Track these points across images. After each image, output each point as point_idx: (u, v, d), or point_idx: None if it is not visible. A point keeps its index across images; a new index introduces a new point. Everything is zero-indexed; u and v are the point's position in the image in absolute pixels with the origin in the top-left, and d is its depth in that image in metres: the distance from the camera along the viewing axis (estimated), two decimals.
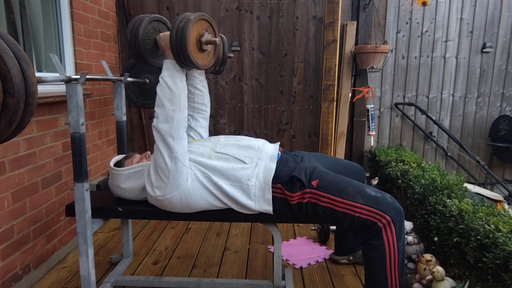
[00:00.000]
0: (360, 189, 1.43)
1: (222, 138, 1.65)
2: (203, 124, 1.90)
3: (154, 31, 1.59)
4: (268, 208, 1.49)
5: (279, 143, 1.72)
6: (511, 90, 3.51)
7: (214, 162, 1.51)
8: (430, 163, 2.58)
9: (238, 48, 3.34)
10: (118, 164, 1.66)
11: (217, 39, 1.42)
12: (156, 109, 1.44)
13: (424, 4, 2.93)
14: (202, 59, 1.46)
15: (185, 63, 1.40)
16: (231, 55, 1.95)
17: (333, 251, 2.16)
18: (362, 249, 1.46)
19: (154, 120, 1.45)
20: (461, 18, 3.41)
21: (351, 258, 2.08)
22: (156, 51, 1.62)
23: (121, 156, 1.74)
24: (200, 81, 1.89)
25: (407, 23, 3.41)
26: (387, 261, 1.37)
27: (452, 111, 3.55)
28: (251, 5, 3.29)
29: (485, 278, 1.52)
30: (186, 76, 1.91)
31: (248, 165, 1.50)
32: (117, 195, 1.66)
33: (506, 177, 3.62)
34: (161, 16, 1.62)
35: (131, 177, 1.59)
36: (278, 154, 1.63)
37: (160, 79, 1.44)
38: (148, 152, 1.70)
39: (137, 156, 1.69)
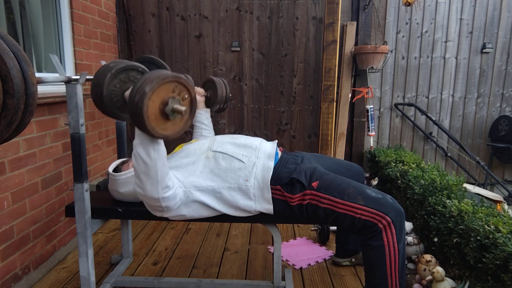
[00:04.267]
0: (360, 190, 1.43)
1: (219, 137, 1.65)
2: (207, 135, 2.03)
3: (122, 83, 1.37)
4: (268, 206, 1.49)
5: (276, 141, 1.72)
6: (511, 90, 3.52)
7: (208, 172, 1.49)
8: (429, 163, 2.58)
9: (238, 49, 3.34)
10: (116, 169, 1.66)
11: (184, 109, 1.18)
12: (135, 178, 1.33)
13: (407, 4, 2.93)
14: (173, 127, 1.23)
15: (151, 137, 1.22)
16: (230, 94, 2.01)
17: (333, 252, 2.16)
18: (363, 250, 1.45)
19: (136, 187, 1.35)
20: (461, 19, 3.41)
21: (353, 260, 2.07)
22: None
23: (120, 160, 1.74)
24: (206, 117, 2.01)
25: (407, 23, 3.41)
26: (387, 262, 1.36)
27: (452, 111, 3.55)
28: (251, 6, 3.29)
29: (485, 278, 1.52)
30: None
31: (245, 164, 1.50)
32: (117, 199, 1.67)
33: (506, 178, 3.62)
34: (128, 64, 1.37)
35: (129, 182, 1.59)
36: (278, 153, 1.62)
37: (133, 146, 1.28)
38: None
39: None
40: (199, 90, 1.99)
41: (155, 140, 1.25)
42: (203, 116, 1.99)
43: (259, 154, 1.54)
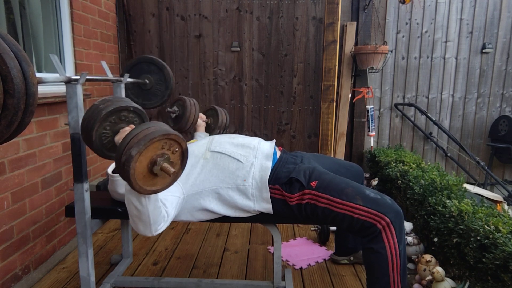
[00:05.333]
0: (359, 190, 1.42)
1: (217, 137, 1.65)
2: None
3: (112, 125, 1.34)
4: (267, 206, 1.49)
5: (274, 140, 1.72)
6: (511, 90, 3.52)
7: (207, 173, 1.49)
8: (429, 163, 2.58)
9: (238, 49, 3.34)
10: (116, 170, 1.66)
11: (172, 170, 1.12)
12: (129, 216, 1.32)
13: (402, 2, 2.94)
14: (163, 181, 1.19)
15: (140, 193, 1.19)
16: (228, 123, 2.22)
17: (333, 252, 2.16)
18: (363, 254, 1.45)
19: (130, 221, 1.34)
20: (460, 19, 3.41)
21: (351, 258, 2.08)
22: None
23: None
24: (203, 138, 2.06)
25: (406, 23, 3.41)
26: (389, 265, 1.35)
27: (452, 111, 3.55)
28: (251, 6, 3.29)
29: (485, 278, 1.52)
30: (191, 133, 2.13)
31: (243, 164, 1.50)
32: (117, 200, 1.67)
33: (506, 178, 3.62)
34: (117, 106, 1.31)
35: None
36: (277, 152, 1.62)
37: (124, 191, 1.28)
38: None
39: None
40: (201, 116, 2.14)
41: None
42: (202, 138, 2.04)
43: (257, 154, 1.54)
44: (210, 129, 2.19)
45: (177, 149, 1.19)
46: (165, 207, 1.34)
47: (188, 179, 1.47)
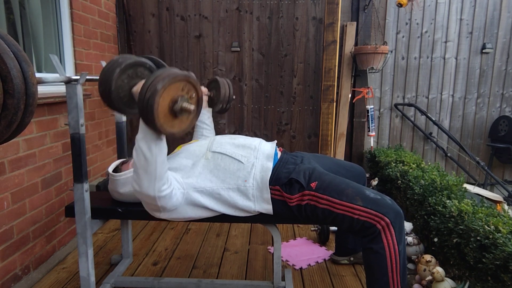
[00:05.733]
0: (359, 190, 1.42)
1: (218, 137, 1.65)
2: (208, 134, 2.02)
3: (129, 79, 1.38)
4: (267, 207, 1.49)
5: (275, 141, 1.72)
6: (511, 90, 3.52)
7: (207, 173, 1.49)
8: (429, 163, 2.58)
9: (238, 49, 3.34)
10: (116, 169, 1.66)
11: (192, 108, 1.22)
12: (133, 172, 1.34)
13: (399, 5, 2.94)
14: (180, 125, 1.26)
15: (158, 133, 1.25)
16: (234, 96, 2.04)
17: (333, 252, 2.16)
18: (363, 254, 1.45)
19: (133, 183, 1.35)
20: (460, 19, 3.41)
21: (351, 258, 2.08)
22: (135, 102, 1.41)
23: (120, 161, 1.74)
24: (208, 117, 2.01)
25: (406, 23, 3.41)
26: (389, 265, 1.36)
27: (452, 111, 3.55)
28: (251, 6, 3.29)
29: (485, 279, 1.52)
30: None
31: (244, 165, 1.50)
32: (117, 199, 1.66)
33: (505, 178, 3.62)
34: (137, 60, 1.38)
35: (128, 182, 1.58)
36: (277, 153, 1.62)
37: (135, 140, 1.30)
38: None
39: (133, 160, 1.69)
40: (203, 90, 1.97)
41: (159, 136, 1.27)
42: (205, 116, 1.99)
43: (258, 154, 1.54)
44: (213, 103, 2.01)
45: (194, 95, 1.26)
46: (169, 179, 1.36)
47: (188, 177, 1.47)
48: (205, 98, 2.00)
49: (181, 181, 1.45)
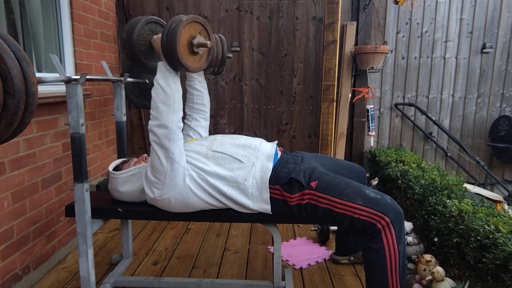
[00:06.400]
0: (359, 190, 1.42)
1: (219, 137, 1.65)
2: (203, 124, 1.92)
3: (150, 33, 1.59)
4: (266, 207, 1.49)
5: (276, 141, 1.72)
6: (511, 90, 3.52)
7: (211, 163, 1.51)
8: (430, 163, 2.58)
9: (238, 49, 3.34)
10: (117, 168, 1.67)
11: (209, 42, 1.40)
12: (151, 111, 1.45)
13: (396, 3, 2.95)
14: (194, 62, 1.44)
15: (176, 65, 1.40)
16: (230, 55, 1.93)
17: (333, 252, 2.16)
18: (363, 253, 1.45)
19: (150, 122, 1.45)
20: (461, 19, 3.41)
21: (352, 258, 2.08)
22: (151, 52, 1.63)
23: (120, 160, 1.74)
24: (199, 81, 1.90)
25: (407, 23, 3.41)
26: (388, 264, 1.36)
27: (452, 111, 3.55)
28: (251, 6, 3.29)
29: (485, 278, 1.52)
30: (185, 77, 1.92)
31: (244, 165, 1.50)
32: (117, 198, 1.67)
33: (506, 178, 3.62)
34: (159, 19, 1.61)
35: (129, 180, 1.59)
36: (278, 153, 1.62)
37: (154, 81, 1.44)
38: (145, 155, 1.71)
39: (134, 159, 1.69)
40: None
41: (176, 74, 1.45)
42: (195, 80, 1.88)
43: (258, 154, 1.54)
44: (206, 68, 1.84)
45: (208, 42, 1.42)
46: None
47: (192, 165, 1.51)
48: None
49: (187, 165, 1.50)
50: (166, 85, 1.42)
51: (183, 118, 1.53)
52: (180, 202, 1.49)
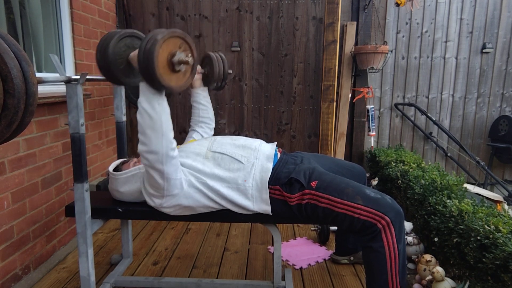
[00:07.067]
0: (359, 190, 1.42)
1: (218, 138, 1.65)
2: (208, 132, 1.99)
3: (127, 48, 1.44)
4: (266, 208, 1.49)
5: (276, 142, 1.72)
6: (511, 90, 3.52)
7: (210, 164, 1.51)
8: (430, 163, 2.58)
9: (238, 49, 3.34)
10: (116, 169, 1.67)
11: (190, 59, 1.29)
12: (139, 135, 1.36)
13: (397, 5, 2.97)
14: (177, 80, 1.32)
15: (157, 87, 1.30)
16: (230, 71, 1.94)
17: (333, 251, 2.16)
18: (363, 253, 1.45)
19: (140, 146, 1.37)
20: (461, 19, 3.41)
21: (352, 258, 2.08)
22: (131, 70, 1.50)
23: (120, 160, 1.74)
24: (204, 97, 1.96)
25: (407, 23, 3.41)
26: (388, 264, 1.36)
27: (452, 111, 3.55)
28: (251, 6, 3.29)
29: (485, 278, 1.52)
30: (190, 92, 1.96)
31: (244, 165, 1.50)
32: (117, 199, 1.67)
33: (506, 178, 3.62)
34: (134, 31, 1.47)
35: (129, 181, 1.59)
36: (277, 154, 1.62)
37: (138, 104, 1.35)
38: None
39: (134, 159, 1.69)
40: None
41: (160, 95, 1.33)
42: (200, 96, 1.94)
43: (258, 155, 1.54)
44: (208, 81, 1.94)
45: (189, 55, 1.32)
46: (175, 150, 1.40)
47: (191, 169, 1.50)
48: (198, 77, 1.94)
49: (184, 170, 1.48)
50: (150, 109, 1.31)
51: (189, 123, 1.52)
52: (181, 208, 1.51)
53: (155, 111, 1.32)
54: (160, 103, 1.33)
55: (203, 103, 1.95)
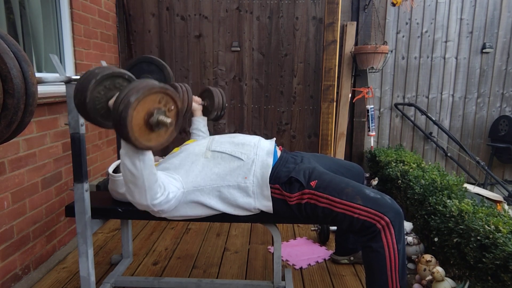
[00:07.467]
0: (359, 190, 1.42)
1: (217, 137, 1.65)
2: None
3: (106, 90, 1.29)
4: (267, 204, 1.49)
5: (274, 138, 1.72)
6: (511, 90, 3.52)
7: (210, 165, 1.50)
8: (430, 163, 2.58)
9: (238, 49, 3.34)
10: (116, 169, 1.66)
11: (169, 121, 1.15)
12: (124, 183, 1.33)
13: (393, 5, 2.97)
14: (158, 138, 1.20)
15: (134, 148, 1.20)
16: (226, 104, 2.06)
17: (333, 251, 2.16)
18: (362, 253, 1.45)
19: (126, 192, 1.34)
20: (461, 19, 3.41)
21: (352, 258, 2.08)
22: None
23: (120, 161, 1.74)
24: (204, 125, 2.06)
25: (407, 23, 3.41)
26: (388, 264, 1.36)
27: (452, 111, 3.55)
28: (251, 6, 3.29)
29: (485, 278, 1.52)
30: (191, 121, 2.05)
31: (244, 162, 1.50)
32: (117, 199, 1.67)
33: (506, 178, 3.62)
34: (113, 71, 1.28)
35: None
36: (277, 152, 1.62)
37: (120, 155, 1.27)
38: None
39: None
40: (197, 99, 2.04)
41: (141, 152, 1.23)
42: (201, 124, 2.04)
43: (257, 151, 1.54)
44: (208, 112, 2.07)
45: (172, 107, 1.19)
46: (162, 184, 1.35)
47: (188, 175, 1.47)
48: (199, 107, 2.06)
49: (180, 180, 1.46)
50: (131, 165, 1.24)
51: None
52: (181, 217, 1.51)
53: (136, 167, 1.24)
54: (141, 159, 1.24)
55: (203, 130, 2.04)
